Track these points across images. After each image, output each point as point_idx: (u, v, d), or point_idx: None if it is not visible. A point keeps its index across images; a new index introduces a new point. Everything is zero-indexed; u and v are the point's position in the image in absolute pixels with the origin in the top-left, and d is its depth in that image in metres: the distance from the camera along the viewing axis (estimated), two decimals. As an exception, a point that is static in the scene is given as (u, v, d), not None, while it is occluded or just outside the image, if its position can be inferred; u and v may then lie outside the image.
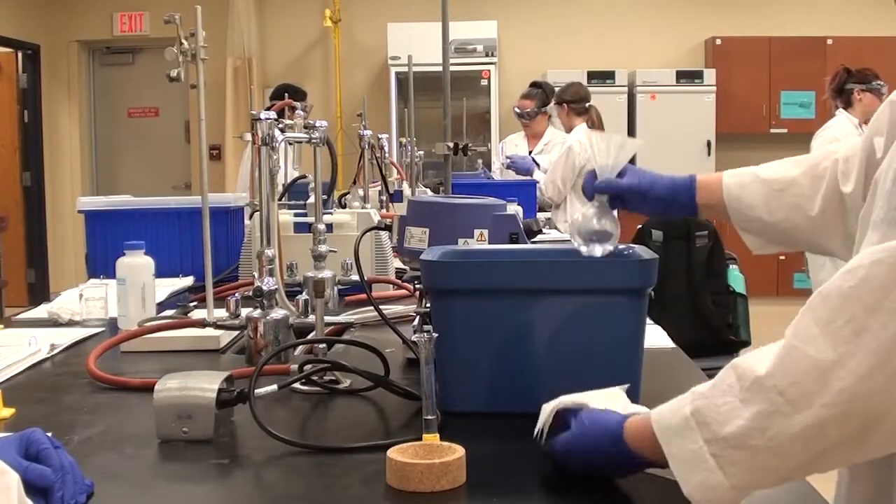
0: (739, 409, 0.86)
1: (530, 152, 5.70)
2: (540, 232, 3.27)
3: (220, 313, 1.67)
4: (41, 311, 2.22)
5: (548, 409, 1.08)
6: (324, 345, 1.60)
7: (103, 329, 2.04)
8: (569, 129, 5.22)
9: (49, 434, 0.95)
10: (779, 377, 0.85)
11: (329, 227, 2.18)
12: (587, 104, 5.13)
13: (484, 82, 8.01)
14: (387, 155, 3.82)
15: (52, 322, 2.10)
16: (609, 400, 1.08)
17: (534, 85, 5.73)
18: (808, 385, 0.84)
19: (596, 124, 5.11)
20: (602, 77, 7.86)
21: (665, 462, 0.93)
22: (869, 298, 0.84)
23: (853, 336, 0.83)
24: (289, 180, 2.74)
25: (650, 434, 0.94)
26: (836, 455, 0.87)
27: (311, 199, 2.03)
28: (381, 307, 1.61)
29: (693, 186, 1.41)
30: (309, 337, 1.58)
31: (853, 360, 0.83)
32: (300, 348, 1.62)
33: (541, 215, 4.50)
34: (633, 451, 0.97)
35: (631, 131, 7.96)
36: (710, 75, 7.96)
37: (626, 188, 1.38)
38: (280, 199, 2.39)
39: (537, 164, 5.38)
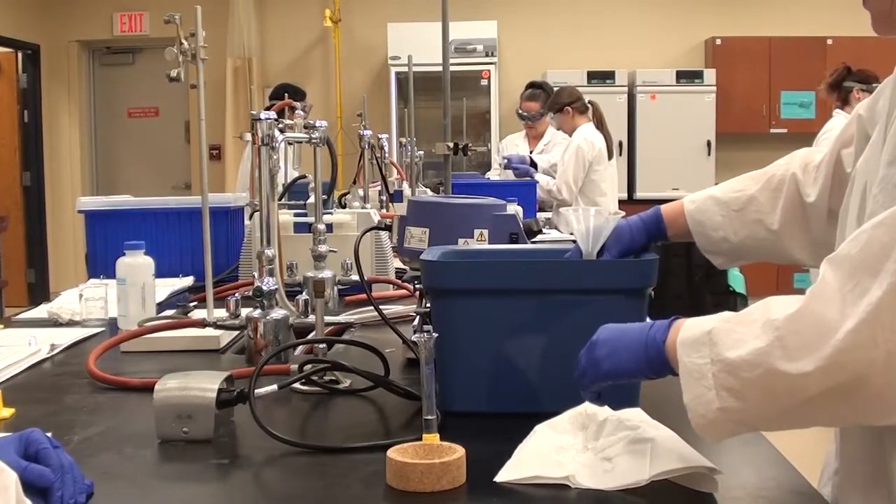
0: (745, 342, 0.91)
1: (531, 152, 5.70)
2: (540, 232, 3.26)
3: (220, 313, 1.67)
4: (41, 311, 2.22)
5: None
6: (324, 345, 1.60)
7: (103, 329, 2.04)
8: (571, 130, 5.22)
9: (49, 434, 0.95)
10: (786, 325, 0.89)
11: (329, 227, 2.18)
12: (587, 101, 5.13)
13: (484, 82, 8.01)
14: (387, 155, 3.82)
15: (52, 322, 2.10)
16: None
17: (534, 86, 5.73)
18: (808, 339, 0.87)
19: (602, 121, 5.12)
20: (602, 77, 7.86)
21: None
22: (872, 261, 0.87)
23: (858, 299, 0.86)
24: (289, 180, 2.74)
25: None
26: (820, 410, 0.90)
27: (311, 199, 2.03)
28: (381, 307, 1.61)
29: (661, 219, 1.47)
30: (309, 337, 1.58)
31: (851, 319, 0.86)
32: (300, 348, 1.62)
33: (541, 215, 4.50)
34: (667, 346, 1.00)
35: (631, 131, 7.97)
36: (710, 75, 7.96)
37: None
38: (280, 199, 2.39)
39: (535, 166, 5.38)
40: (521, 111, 5.73)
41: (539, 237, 3.23)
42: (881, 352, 0.85)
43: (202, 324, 1.71)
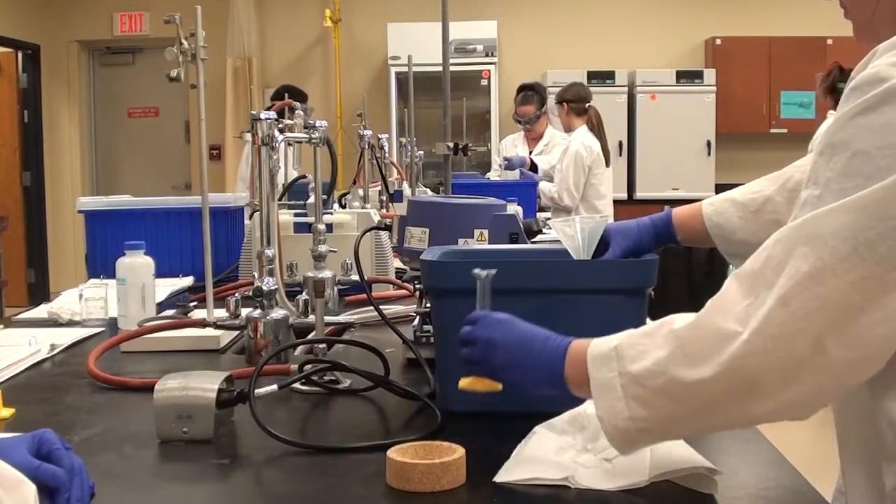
0: (649, 353, 0.96)
1: (530, 153, 5.71)
2: (540, 232, 3.26)
3: (220, 313, 1.67)
4: (41, 311, 2.22)
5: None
6: (324, 345, 1.60)
7: (103, 329, 2.04)
8: (568, 129, 5.22)
9: (56, 436, 0.96)
10: (686, 334, 0.95)
11: (329, 227, 2.19)
12: (587, 105, 5.12)
13: (484, 82, 8.01)
14: (387, 155, 3.82)
15: (52, 322, 2.10)
16: None
17: (526, 88, 5.72)
18: (707, 347, 0.92)
19: (595, 126, 5.11)
20: (602, 77, 7.86)
21: (578, 385, 1.03)
22: (770, 275, 0.91)
23: (755, 310, 0.91)
24: (289, 180, 2.75)
25: (584, 357, 1.03)
26: (719, 413, 0.95)
27: (311, 199, 2.03)
28: (381, 307, 1.61)
29: (671, 222, 1.48)
30: (309, 337, 1.58)
31: (747, 330, 0.90)
32: (300, 348, 1.62)
33: (541, 215, 4.50)
34: (566, 362, 1.05)
35: (631, 131, 7.96)
36: (710, 75, 7.96)
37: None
38: (280, 199, 2.39)
39: (535, 168, 5.39)
40: (517, 116, 5.74)
41: (539, 237, 3.23)
42: (772, 359, 0.89)
43: (202, 324, 1.71)
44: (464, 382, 1.12)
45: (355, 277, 1.69)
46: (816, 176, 0.92)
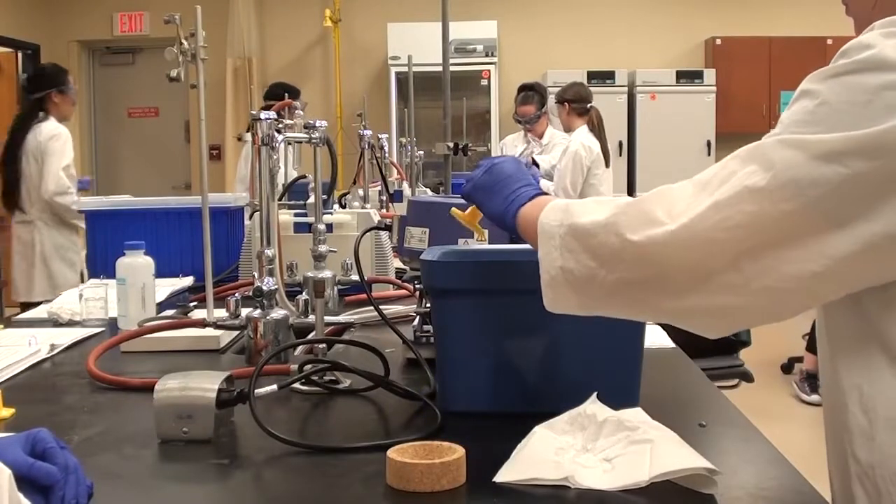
0: (591, 214, 1.03)
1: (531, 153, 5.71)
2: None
3: (220, 313, 1.67)
4: (41, 311, 2.22)
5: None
6: (324, 345, 1.60)
7: (103, 329, 2.04)
8: (568, 129, 5.22)
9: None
10: (626, 209, 1.01)
11: (329, 227, 2.18)
12: (588, 105, 5.12)
13: (484, 82, 8.01)
14: (387, 155, 3.82)
15: (52, 322, 2.11)
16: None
17: (527, 88, 5.72)
18: (635, 223, 0.98)
19: (596, 126, 5.11)
20: (602, 77, 7.86)
21: (526, 230, 1.14)
22: (716, 184, 0.94)
23: (689, 210, 0.95)
24: (289, 180, 2.75)
25: (543, 205, 1.12)
26: (637, 295, 1.01)
27: (311, 199, 2.03)
28: (381, 307, 1.61)
29: None
30: (309, 337, 1.58)
31: (676, 222, 0.95)
32: (300, 348, 1.62)
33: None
34: (527, 205, 1.15)
35: (631, 131, 7.97)
36: (710, 75, 7.96)
37: None
38: (280, 199, 2.39)
39: (537, 166, 5.39)
40: (517, 116, 5.74)
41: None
42: (688, 257, 0.94)
43: (202, 324, 1.71)
44: (456, 211, 1.26)
45: (355, 277, 1.69)
46: (782, 118, 0.96)
